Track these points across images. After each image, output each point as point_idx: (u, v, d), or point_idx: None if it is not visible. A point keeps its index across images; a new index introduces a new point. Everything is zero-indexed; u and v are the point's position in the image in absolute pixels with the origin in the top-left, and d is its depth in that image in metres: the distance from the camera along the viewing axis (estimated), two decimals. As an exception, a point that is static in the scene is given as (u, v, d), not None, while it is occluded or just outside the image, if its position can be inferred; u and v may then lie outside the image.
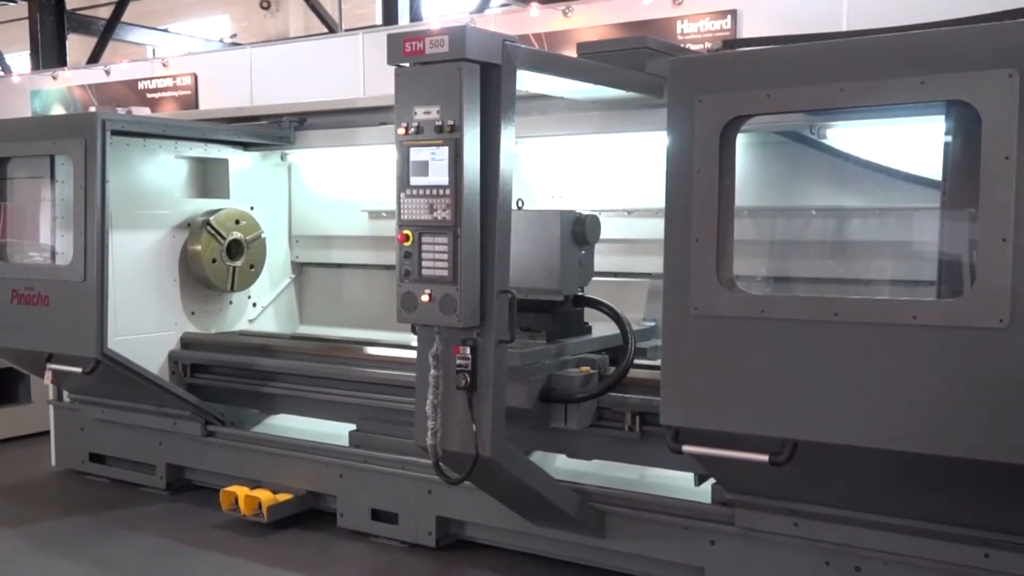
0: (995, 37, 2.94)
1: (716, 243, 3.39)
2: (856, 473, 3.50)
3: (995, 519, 3.44)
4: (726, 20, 6.34)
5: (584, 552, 4.63)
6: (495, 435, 3.81)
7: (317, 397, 5.55)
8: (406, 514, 5.04)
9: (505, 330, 3.77)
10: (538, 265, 4.40)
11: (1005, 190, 2.91)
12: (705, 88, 3.39)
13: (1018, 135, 2.87)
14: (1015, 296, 2.93)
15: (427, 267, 3.72)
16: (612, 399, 4.41)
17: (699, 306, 3.43)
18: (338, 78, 8.24)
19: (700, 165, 3.39)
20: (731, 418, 3.45)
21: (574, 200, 5.23)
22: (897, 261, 4.53)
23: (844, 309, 3.24)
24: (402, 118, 3.71)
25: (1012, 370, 2.96)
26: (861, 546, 3.77)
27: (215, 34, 20.29)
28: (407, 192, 3.74)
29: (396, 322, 3.90)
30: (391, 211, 3.85)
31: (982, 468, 3.08)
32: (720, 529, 4.15)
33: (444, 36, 3.51)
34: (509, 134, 3.71)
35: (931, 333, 3.08)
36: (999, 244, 2.93)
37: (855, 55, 3.18)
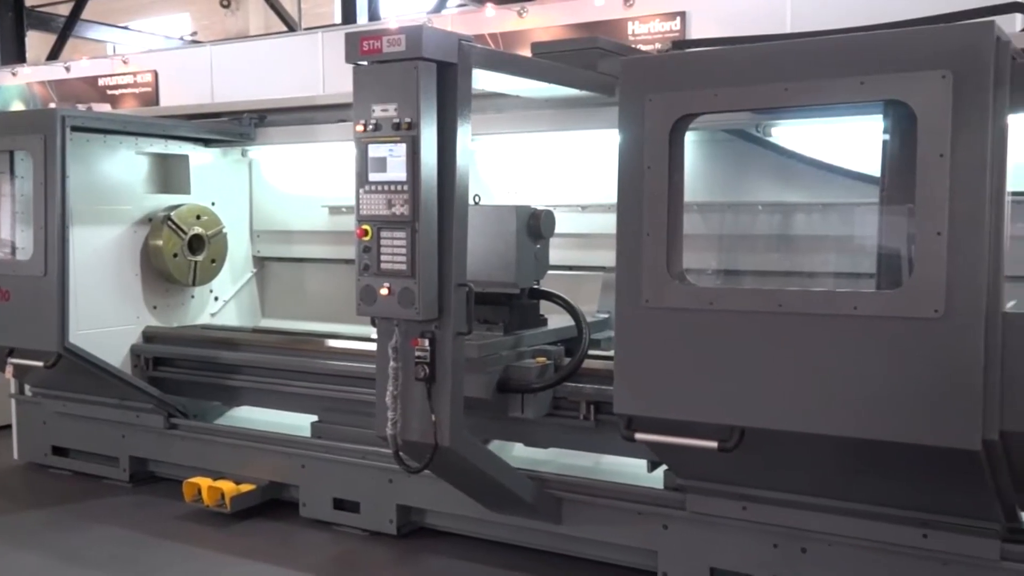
0: (930, 40, 2.98)
1: (666, 237, 3.41)
2: (801, 458, 3.55)
3: (932, 501, 3.50)
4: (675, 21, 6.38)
5: (541, 538, 4.65)
6: (454, 425, 3.82)
7: (279, 389, 5.50)
8: (367, 503, 5.02)
9: (463, 322, 3.77)
10: (495, 259, 4.40)
11: (940, 186, 2.95)
12: (655, 87, 3.40)
13: (951, 134, 2.91)
14: (949, 288, 2.97)
15: (386, 261, 3.71)
16: (567, 389, 4.43)
17: (650, 298, 3.45)
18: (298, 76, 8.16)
19: (650, 162, 3.40)
20: (681, 406, 3.47)
21: (530, 196, 5.24)
22: (839, 254, 4.59)
23: (788, 301, 3.28)
24: (360, 115, 3.69)
25: (946, 358, 3.01)
26: (807, 528, 3.82)
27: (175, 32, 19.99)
28: (366, 188, 3.73)
29: (356, 315, 3.89)
30: (351, 206, 3.82)
31: (920, 452, 3.13)
32: (672, 514, 4.19)
33: (401, 35, 3.50)
34: (465, 131, 3.70)
35: (871, 323, 3.12)
36: (934, 238, 2.97)
37: (798, 56, 3.21)
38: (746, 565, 4.06)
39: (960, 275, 2.95)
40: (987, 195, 2.91)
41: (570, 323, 4.53)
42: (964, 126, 2.90)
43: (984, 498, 3.32)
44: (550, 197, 5.21)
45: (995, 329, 2.99)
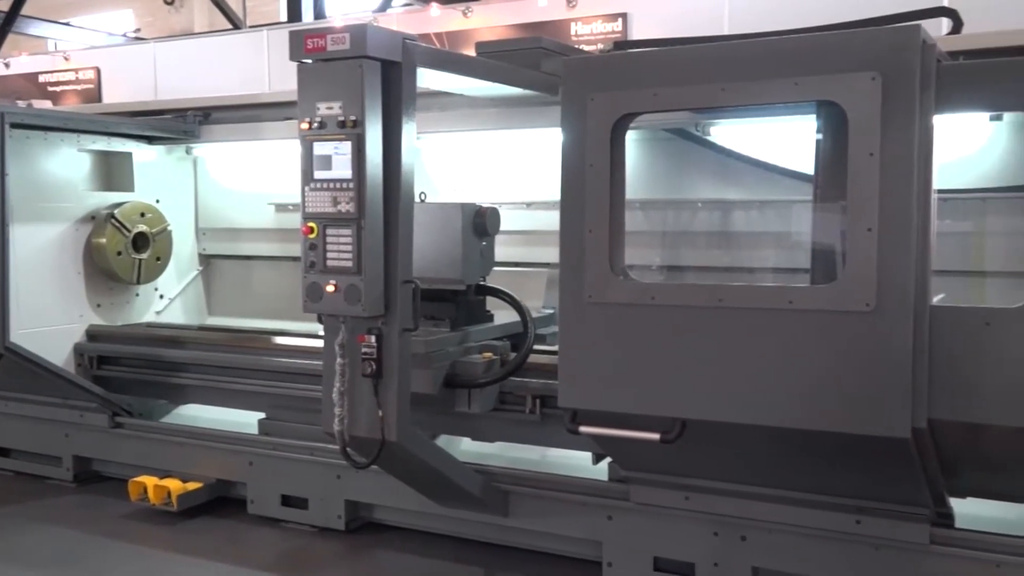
0: (860, 43, 3.04)
1: (608, 234, 3.43)
2: (741, 449, 3.59)
3: (866, 489, 3.58)
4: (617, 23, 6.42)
5: (489, 530, 4.65)
6: (400, 420, 3.80)
7: (226, 387, 5.43)
8: (316, 499, 4.98)
9: (409, 319, 3.76)
10: (441, 256, 4.39)
11: (870, 184, 3.01)
12: (596, 87, 3.42)
13: (881, 133, 2.98)
14: (880, 282, 3.03)
15: (332, 258, 3.68)
16: (513, 383, 4.44)
17: (593, 294, 3.47)
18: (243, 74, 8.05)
19: (592, 160, 3.42)
20: (624, 399, 3.50)
21: (475, 193, 5.24)
22: (776, 250, 4.67)
23: (727, 295, 3.32)
24: (305, 113, 3.66)
25: (877, 350, 3.07)
26: (746, 517, 3.88)
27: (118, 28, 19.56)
28: (311, 185, 3.69)
29: (303, 312, 3.85)
30: (297, 204, 3.78)
31: (853, 441, 3.20)
32: (616, 505, 4.22)
33: (345, 34, 3.47)
34: (411, 129, 3.69)
35: (806, 316, 3.18)
36: (865, 234, 3.04)
37: (735, 57, 3.24)
38: (688, 553, 4.11)
39: (890, 270, 3.02)
40: (915, 193, 2.98)
41: (516, 319, 4.53)
42: (892, 126, 2.96)
43: (914, 484, 3.39)
44: (496, 195, 5.21)
45: (923, 322, 3.06)
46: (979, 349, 3.05)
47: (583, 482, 4.34)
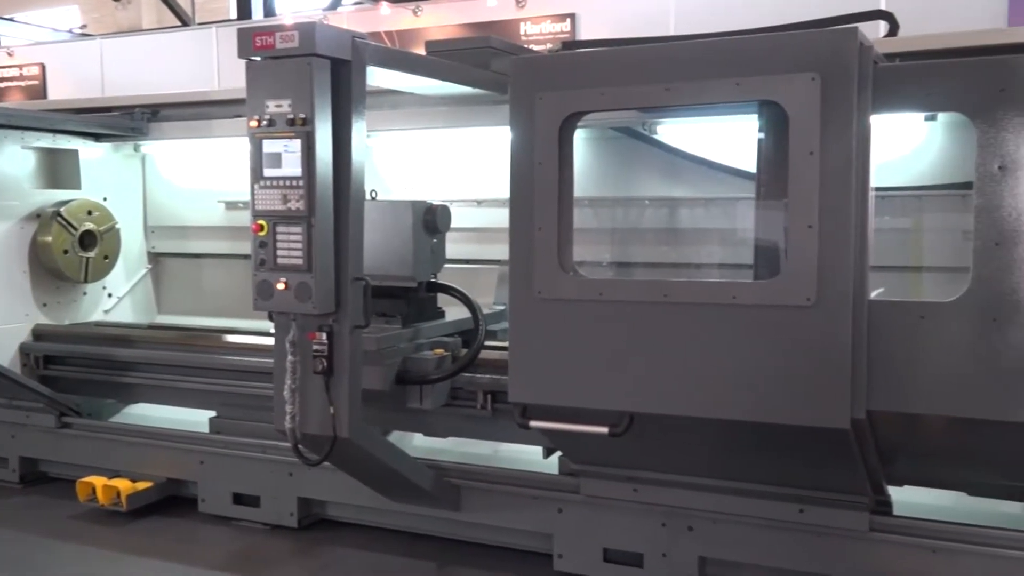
0: (800, 44, 3.09)
1: (557, 231, 3.44)
2: (687, 441, 3.64)
3: (808, 478, 3.64)
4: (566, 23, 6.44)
5: (441, 525, 4.65)
6: (352, 417, 3.78)
7: (176, 385, 5.35)
8: (268, 497, 4.93)
9: (360, 316, 3.74)
10: (392, 253, 4.38)
11: (810, 182, 3.06)
12: (545, 86, 3.43)
13: (820, 133, 3.03)
14: (820, 277, 3.09)
15: (282, 256, 3.65)
16: (465, 379, 4.43)
17: (543, 290, 3.49)
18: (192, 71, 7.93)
19: (541, 158, 3.44)
20: (573, 394, 3.52)
21: (426, 191, 5.23)
22: (722, 246, 4.72)
23: (673, 291, 3.36)
24: (254, 111, 3.62)
25: (818, 343, 3.13)
26: (693, 507, 3.93)
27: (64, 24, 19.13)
28: (260, 183, 3.66)
29: (253, 310, 3.81)
30: (247, 201, 3.74)
31: (795, 432, 3.25)
32: (567, 498, 4.24)
33: (294, 32, 3.44)
34: (360, 127, 3.67)
35: (749, 311, 3.23)
36: (806, 230, 3.09)
37: (679, 58, 3.28)
38: (637, 544, 4.15)
39: (830, 265, 3.08)
40: (853, 190, 3.04)
41: (467, 315, 4.53)
42: (831, 126, 3.02)
43: (854, 474, 3.46)
44: (447, 192, 5.21)
45: (862, 316, 3.12)
46: (915, 342, 3.12)
47: (534, 476, 4.36)
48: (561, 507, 4.28)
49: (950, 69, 3.06)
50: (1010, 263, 2.97)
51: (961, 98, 3.03)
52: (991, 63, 2.99)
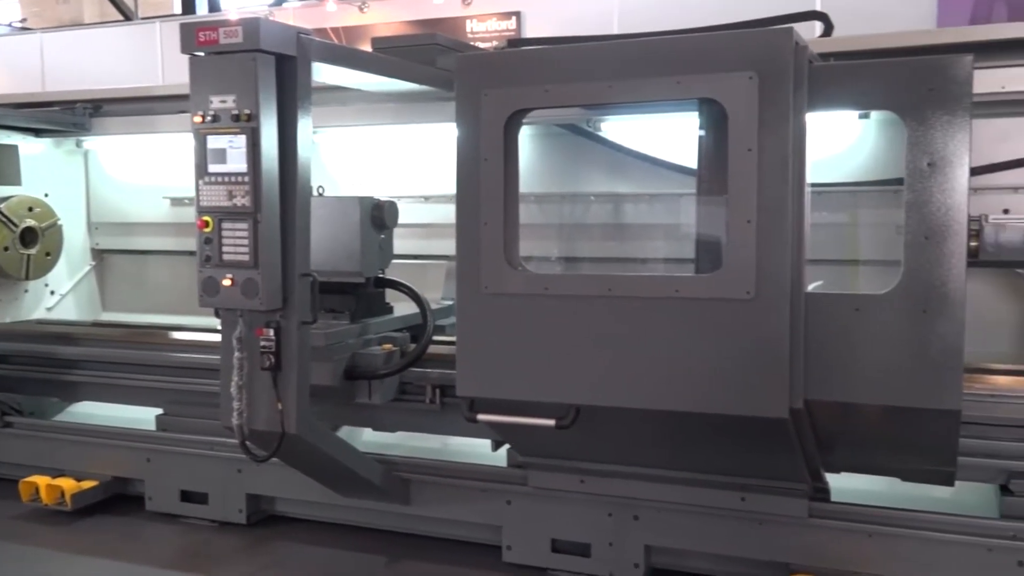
0: (737, 44, 3.12)
1: (503, 226, 3.45)
2: (632, 432, 3.66)
3: (749, 467, 3.70)
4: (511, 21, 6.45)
5: (391, 519, 4.64)
6: (300, 412, 3.76)
7: (122, 383, 5.25)
8: (216, 493, 4.88)
9: (308, 312, 3.71)
10: (340, 249, 4.35)
11: (749, 178, 3.10)
12: (490, 83, 3.43)
13: (758, 130, 3.07)
14: (759, 271, 3.13)
15: (228, 252, 3.60)
16: (413, 374, 4.43)
17: (489, 285, 3.49)
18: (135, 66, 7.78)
19: (487, 154, 3.44)
20: (520, 387, 3.53)
21: (374, 187, 5.19)
22: (665, 241, 4.77)
23: (617, 285, 3.38)
24: (198, 107, 3.57)
25: (757, 336, 3.18)
26: (638, 497, 3.98)
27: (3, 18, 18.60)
28: (205, 179, 3.61)
29: (199, 307, 3.77)
30: (193, 197, 3.69)
31: (736, 422, 3.30)
32: (515, 490, 4.27)
33: (238, 27, 3.40)
34: (307, 123, 3.64)
35: (691, 304, 3.26)
36: (745, 225, 3.13)
37: (621, 56, 3.29)
38: (584, 534, 4.19)
39: (768, 260, 3.12)
40: (790, 186, 3.08)
41: (416, 311, 4.53)
42: (768, 123, 3.06)
43: (793, 462, 3.53)
44: (395, 188, 5.18)
45: (799, 308, 3.17)
46: (850, 333, 3.18)
47: (482, 469, 4.38)
48: (509, 499, 4.30)
49: (881, 69, 3.12)
50: (939, 257, 3.04)
51: (892, 97, 3.09)
52: (920, 63, 3.06)
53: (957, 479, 3.55)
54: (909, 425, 3.24)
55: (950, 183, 3.02)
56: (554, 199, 5.01)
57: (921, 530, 3.70)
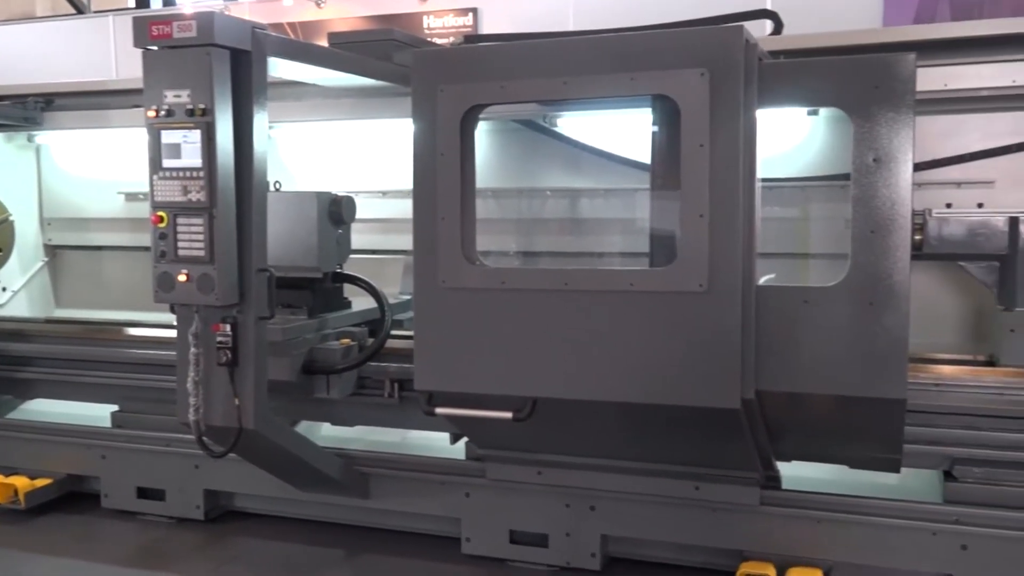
0: (690, 41, 3.15)
1: (460, 221, 3.45)
2: (589, 424, 3.69)
3: (703, 457, 3.74)
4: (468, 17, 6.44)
5: (350, 513, 4.63)
6: (258, 408, 3.73)
7: (76, 380, 5.16)
8: (173, 490, 4.82)
9: (264, 307, 3.69)
10: (297, 244, 4.32)
11: (701, 173, 3.13)
12: (446, 79, 3.42)
13: (710, 126, 3.10)
14: (711, 264, 3.16)
15: (183, 248, 3.57)
16: (372, 368, 4.41)
17: (446, 279, 3.49)
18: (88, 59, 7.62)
19: (443, 149, 3.43)
20: (478, 380, 3.53)
21: (331, 182, 5.16)
22: (620, 236, 4.80)
23: (573, 279, 3.39)
24: (152, 101, 3.52)
25: (709, 328, 3.21)
26: (595, 488, 4.00)
27: (-48, 10, 18.12)
28: (160, 174, 3.57)
29: (154, 302, 3.72)
30: (148, 193, 3.64)
31: (690, 413, 3.33)
32: (473, 482, 4.27)
33: (192, 21, 3.36)
34: (262, 118, 3.61)
35: (645, 298, 3.28)
36: (697, 220, 3.16)
37: (576, 53, 3.30)
38: (542, 525, 4.21)
39: (720, 253, 3.15)
40: (741, 181, 3.12)
41: (374, 305, 4.51)
42: (720, 119, 3.09)
43: (745, 451, 3.57)
44: (352, 183, 5.15)
45: (750, 301, 3.21)
46: (799, 325, 3.23)
47: (441, 462, 4.38)
48: (468, 491, 4.30)
49: (829, 67, 3.17)
50: (885, 250, 3.10)
51: (839, 94, 3.14)
52: (865, 61, 3.11)
53: (903, 466, 3.62)
54: (856, 414, 3.30)
55: (895, 178, 3.07)
56: (511, 194, 5.01)
57: (869, 516, 3.77)
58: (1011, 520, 3.61)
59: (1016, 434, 3.62)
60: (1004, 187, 4.14)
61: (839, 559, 3.82)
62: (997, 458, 3.65)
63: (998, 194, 4.15)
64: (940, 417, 3.71)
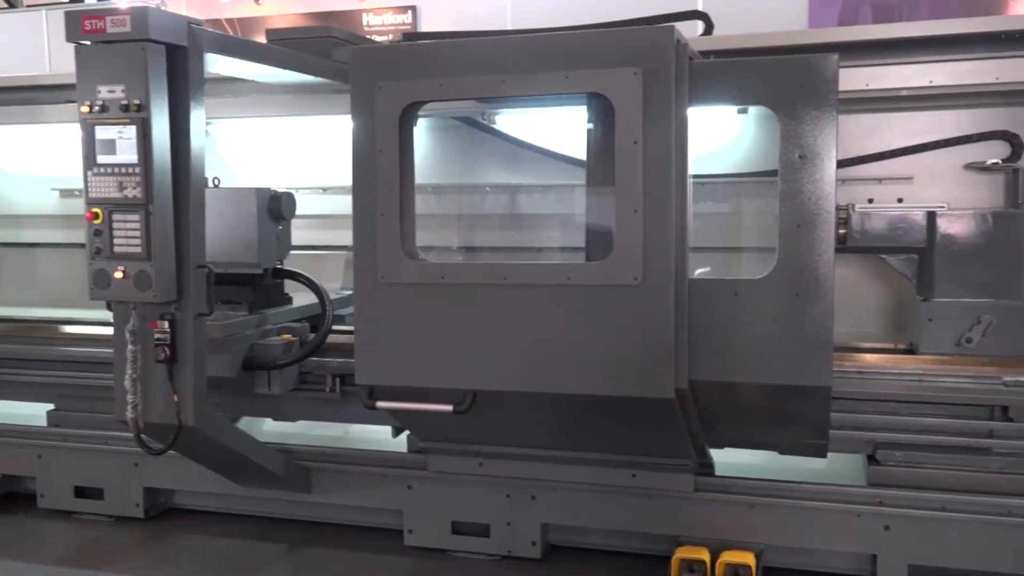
0: (623, 40, 3.17)
1: (399, 217, 3.43)
2: (528, 415, 3.69)
3: (639, 446, 3.78)
4: (407, 15, 6.39)
5: (292, 508, 4.58)
6: (197, 404, 3.66)
7: (10, 379, 4.99)
8: (111, 488, 4.72)
9: (203, 303, 3.62)
10: (237, 240, 4.25)
11: (635, 169, 3.16)
12: (384, 76, 3.40)
13: (643, 123, 3.13)
14: (645, 258, 3.20)
15: (119, 244, 3.48)
16: (313, 363, 4.36)
17: (386, 274, 3.47)
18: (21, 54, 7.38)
19: (382, 146, 3.41)
20: (418, 374, 3.52)
21: (272, 178, 5.08)
22: (559, 231, 4.82)
23: (511, 273, 3.40)
24: (85, 96, 3.43)
25: (644, 320, 3.25)
26: (535, 478, 4.01)
27: None
28: (95, 170, 3.47)
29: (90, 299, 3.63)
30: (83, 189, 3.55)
31: (626, 403, 3.37)
32: (415, 474, 4.26)
33: (126, 16, 3.27)
34: (199, 114, 3.53)
35: (582, 291, 3.30)
36: (632, 215, 3.19)
37: (514, 51, 3.31)
38: (483, 515, 4.22)
39: (653, 247, 3.19)
40: (674, 177, 3.16)
41: (315, 301, 4.46)
42: (652, 117, 3.12)
43: (680, 439, 3.62)
44: (292, 180, 5.08)
45: (683, 293, 3.25)
46: (730, 316, 3.28)
47: (383, 455, 4.36)
48: (411, 484, 4.29)
49: (756, 66, 3.22)
50: (810, 243, 3.16)
51: (766, 93, 3.19)
52: (791, 62, 3.17)
53: (829, 451, 3.70)
54: (785, 401, 3.36)
55: (819, 174, 3.14)
56: (450, 190, 5.00)
57: (797, 499, 3.86)
58: (930, 500, 3.73)
59: (934, 419, 3.74)
60: (922, 183, 4.26)
61: (770, 542, 3.90)
62: (917, 442, 3.75)
63: (917, 190, 4.27)
64: (864, 404, 3.80)
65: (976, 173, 4.20)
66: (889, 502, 3.76)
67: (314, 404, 4.51)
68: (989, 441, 3.69)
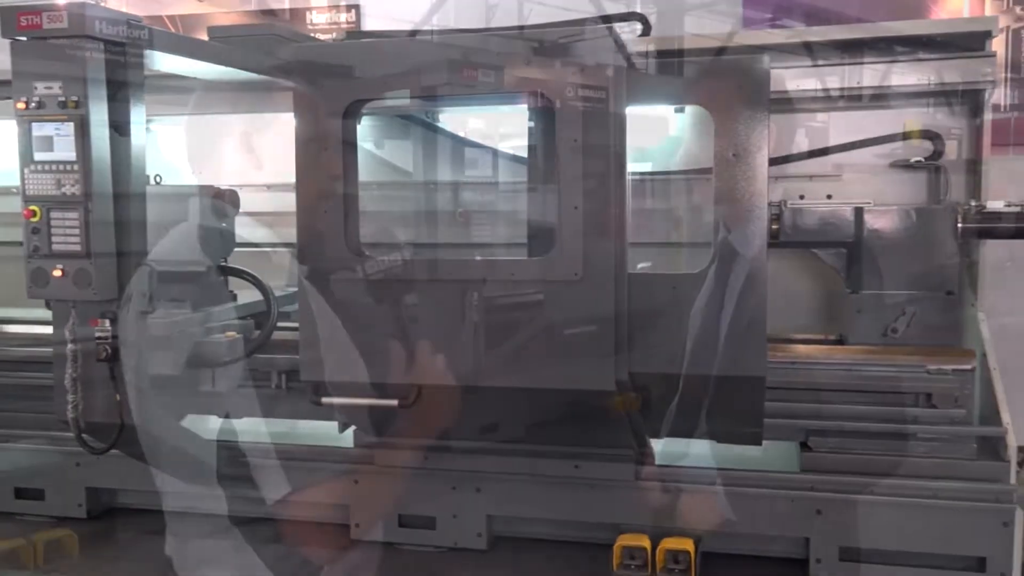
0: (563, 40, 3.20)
1: (344, 214, 3.40)
2: (472, 409, 3.69)
3: (582, 437, 3.81)
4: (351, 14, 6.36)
5: (237, 504, 4.49)
6: (140, 403, 3.58)
7: (-56, 381, 4.84)
8: (53, 489, 4.59)
9: (145, 301, 3.54)
10: (180, 238, 4.16)
11: (575, 167, 3.18)
12: (327, 74, 3.37)
13: (582, 122, 3.15)
14: (586, 254, 3.23)
15: (58, 242, 3.39)
16: (259, 360, 4.28)
17: (330, 271, 3.43)
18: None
19: (325, 144, 3.37)
20: (363, 369, 3.50)
21: (215, 176, 4.99)
22: (504, 227, 4.83)
23: (456, 269, 3.41)
24: (21, 93, 3.33)
25: (585, 314, 3.28)
26: (480, 471, 4.02)
27: None
28: (31, 167, 3.38)
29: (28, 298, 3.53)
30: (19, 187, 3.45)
31: (568, 395, 3.40)
32: (362, 469, 4.22)
33: (63, 12, 3.18)
34: (139, 111, 3.46)
35: (524, 287, 3.32)
36: (572, 211, 3.21)
37: (456, 50, 3.31)
38: (429, 509, 4.20)
39: (593, 243, 3.22)
40: (612, 174, 3.19)
41: (260, 298, 4.39)
42: (592, 116, 3.15)
43: (621, 430, 3.66)
44: (237, 177, 4.99)
45: (623, 288, 3.29)
46: (668, 309, 3.33)
47: (329, 450, 4.31)
48: (357, 479, 4.25)
49: (691, 67, 3.27)
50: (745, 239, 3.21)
51: (701, 93, 3.24)
52: (724, 63, 3.23)
53: (764, 439, 3.76)
54: (721, 391, 3.41)
55: (752, 172, 3.19)
56: (396, 187, 4.97)
57: (734, 486, 3.91)
58: (859, 485, 3.81)
59: (863, 407, 3.82)
60: (850, 180, 4.36)
61: (708, 528, 3.95)
62: (847, 429, 3.84)
63: (845, 186, 4.37)
64: (796, 392, 3.87)
65: (901, 171, 4.31)
66: (821, 487, 3.84)
67: (260, 401, 4.44)
68: (914, 427, 3.79)
